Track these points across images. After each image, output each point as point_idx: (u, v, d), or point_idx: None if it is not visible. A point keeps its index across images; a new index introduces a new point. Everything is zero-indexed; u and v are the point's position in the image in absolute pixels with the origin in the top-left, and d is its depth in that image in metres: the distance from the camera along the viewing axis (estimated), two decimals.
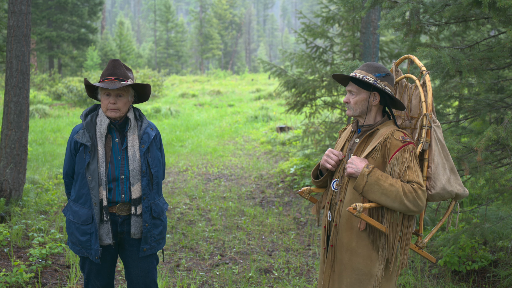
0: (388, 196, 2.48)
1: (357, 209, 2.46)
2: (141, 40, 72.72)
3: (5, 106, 6.12)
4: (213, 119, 17.11)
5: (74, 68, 32.55)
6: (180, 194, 7.76)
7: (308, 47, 8.84)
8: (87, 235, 3.01)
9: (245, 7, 71.78)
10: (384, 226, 2.56)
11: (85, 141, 2.99)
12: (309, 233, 5.98)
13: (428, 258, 2.77)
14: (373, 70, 2.67)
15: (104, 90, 3.02)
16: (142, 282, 3.20)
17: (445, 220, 2.78)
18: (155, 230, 3.13)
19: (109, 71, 3.01)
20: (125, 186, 3.02)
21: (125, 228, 3.08)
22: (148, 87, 3.13)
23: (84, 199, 3.01)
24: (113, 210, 3.03)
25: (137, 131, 3.10)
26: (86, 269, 3.16)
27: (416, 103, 2.80)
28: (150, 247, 3.12)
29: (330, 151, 2.77)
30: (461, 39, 6.32)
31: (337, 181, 2.74)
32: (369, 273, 2.60)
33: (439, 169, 2.59)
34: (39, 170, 8.74)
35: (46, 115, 16.14)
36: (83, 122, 3.07)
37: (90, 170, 2.97)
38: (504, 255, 4.54)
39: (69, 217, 3.09)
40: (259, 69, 47.39)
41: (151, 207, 3.09)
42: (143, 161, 3.05)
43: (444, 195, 2.60)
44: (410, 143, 2.57)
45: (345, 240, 2.65)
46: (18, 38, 6.04)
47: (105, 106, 3.03)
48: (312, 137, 8.62)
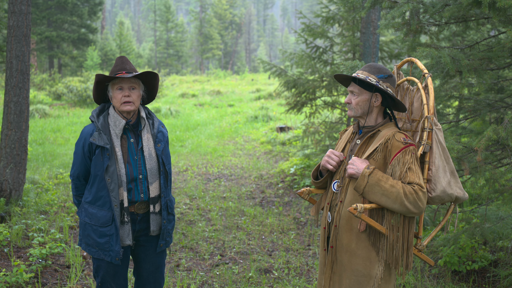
0: (388, 197, 2.48)
1: (357, 209, 2.46)
2: (141, 40, 72.72)
3: (5, 106, 6.12)
4: (213, 119, 17.11)
5: (74, 68, 32.54)
6: (180, 194, 7.76)
7: (308, 47, 8.84)
8: (106, 237, 3.00)
9: (245, 7, 71.77)
10: (384, 228, 2.55)
11: (103, 143, 2.94)
12: (309, 233, 5.98)
13: (427, 261, 2.76)
14: (376, 71, 2.66)
15: (117, 84, 3.01)
16: (152, 277, 3.23)
17: (444, 223, 2.78)
18: (169, 225, 3.19)
19: (118, 66, 3.03)
20: (143, 186, 3.04)
21: (143, 226, 3.10)
22: (157, 78, 3.13)
23: (103, 201, 2.99)
24: (131, 209, 3.04)
25: (150, 130, 3.11)
26: (101, 273, 3.11)
27: (417, 105, 2.79)
28: (165, 242, 3.18)
29: (331, 152, 2.77)
30: (461, 39, 6.32)
31: (338, 182, 2.73)
32: (368, 275, 2.60)
33: (439, 172, 2.59)
34: (39, 170, 8.73)
35: (46, 115, 16.14)
36: (97, 124, 3.01)
37: (109, 172, 2.95)
38: (504, 255, 4.54)
39: (84, 219, 3.06)
40: (259, 69, 47.40)
41: (167, 203, 3.14)
42: (160, 160, 3.08)
43: (444, 198, 2.60)
44: (411, 145, 2.57)
45: (345, 241, 2.64)
46: (18, 38, 6.03)
47: (118, 101, 3.01)
48: (312, 137, 8.62)
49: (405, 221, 2.58)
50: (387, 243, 2.57)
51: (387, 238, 2.56)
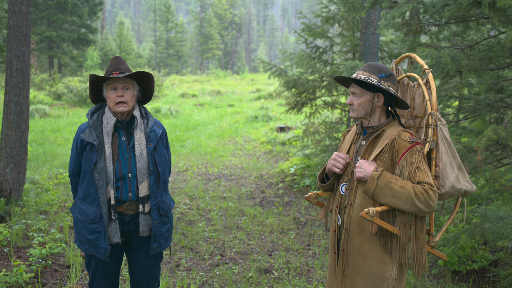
0: (399, 198, 2.46)
1: (369, 213, 2.43)
2: (141, 40, 72.71)
3: (5, 106, 6.12)
4: (213, 119, 17.11)
5: (74, 68, 32.54)
6: (180, 194, 7.76)
7: (308, 47, 8.84)
8: (95, 233, 3.02)
9: (245, 7, 71.78)
10: (396, 229, 2.53)
11: (91, 140, 2.98)
12: (309, 233, 5.98)
13: (440, 256, 2.75)
14: (376, 70, 2.63)
15: (111, 84, 3.02)
16: (146, 279, 3.22)
17: (453, 217, 2.75)
18: (163, 228, 3.15)
19: (112, 67, 3.05)
20: (132, 185, 3.03)
21: (133, 227, 3.10)
22: (151, 78, 3.13)
23: (92, 197, 3.01)
24: (120, 209, 3.04)
25: (143, 129, 3.11)
26: (92, 268, 3.16)
27: (419, 101, 2.76)
28: (159, 244, 3.15)
29: (336, 155, 2.73)
30: (461, 39, 6.32)
31: (346, 185, 2.70)
32: (382, 277, 2.57)
33: (447, 168, 2.57)
34: (39, 170, 8.74)
35: (46, 115, 16.14)
36: (89, 121, 3.07)
37: (97, 169, 2.97)
38: (504, 255, 4.54)
39: (76, 215, 3.10)
40: (259, 69, 47.39)
41: (159, 205, 3.11)
42: (150, 159, 3.07)
43: (454, 193, 2.58)
44: (417, 143, 2.54)
45: (357, 244, 2.61)
46: (18, 38, 6.04)
47: (112, 101, 3.02)
48: (312, 137, 8.62)
49: (416, 221, 2.56)
50: (399, 243, 2.54)
51: (400, 238, 2.54)
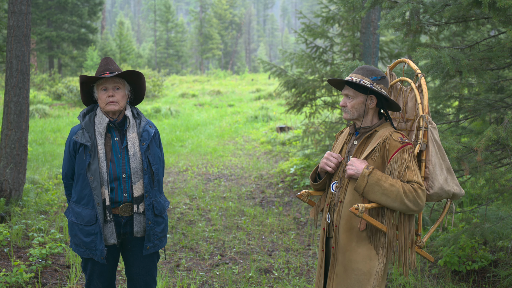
0: (388, 196, 2.52)
1: (359, 209, 2.49)
2: (141, 40, 72.71)
3: (5, 106, 6.12)
4: (213, 119, 17.11)
5: (74, 68, 32.53)
6: (180, 194, 7.76)
7: (308, 47, 8.84)
8: (91, 235, 3.01)
9: (245, 7, 71.76)
10: (385, 226, 2.60)
11: (84, 141, 2.98)
12: (309, 233, 5.98)
13: (427, 257, 2.80)
14: (369, 73, 2.71)
15: (101, 85, 3.02)
16: (143, 280, 3.22)
17: (442, 219, 2.82)
18: (157, 228, 3.15)
19: (103, 67, 3.04)
20: (127, 185, 3.03)
21: (128, 229, 3.09)
22: (142, 78, 3.12)
23: (87, 199, 3.00)
24: (116, 211, 3.03)
25: (136, 129, 3.11)
26: (88, 270, 3.15)
27: (411, 105, 2.84)
28: (153, 245, 3.14)
29: (329, 154, 2.81)
30: (461, 39, 6.32)
31: (336, 183, 2.77)
32: (369, 273, 2.62)
33: (436, 170, 2.64)
34: (39, 170, 8.73)
35: (46, 115, 16.14)
36: (81, 123, 3.06)
37: (91, 170, 2.96)
38: (504, 255, 4.54)
39: (71, 219, 3.09)
40: (259, 69, 47.38)
41: (153, 204, 3.10)
42: (144, 159, 3.06)
43: (442, 194, 2.65)
44: (408, 144, 2.62)
45: (345, 240, 2.67)
46: (18, 38, 6.04)
47: (103, 101, 3.03)
48: (312, 137, 8.62)
49: (405, 219, 2.63)
50: (387, 241, 2.61)
51: (388, 236, 2.61)
